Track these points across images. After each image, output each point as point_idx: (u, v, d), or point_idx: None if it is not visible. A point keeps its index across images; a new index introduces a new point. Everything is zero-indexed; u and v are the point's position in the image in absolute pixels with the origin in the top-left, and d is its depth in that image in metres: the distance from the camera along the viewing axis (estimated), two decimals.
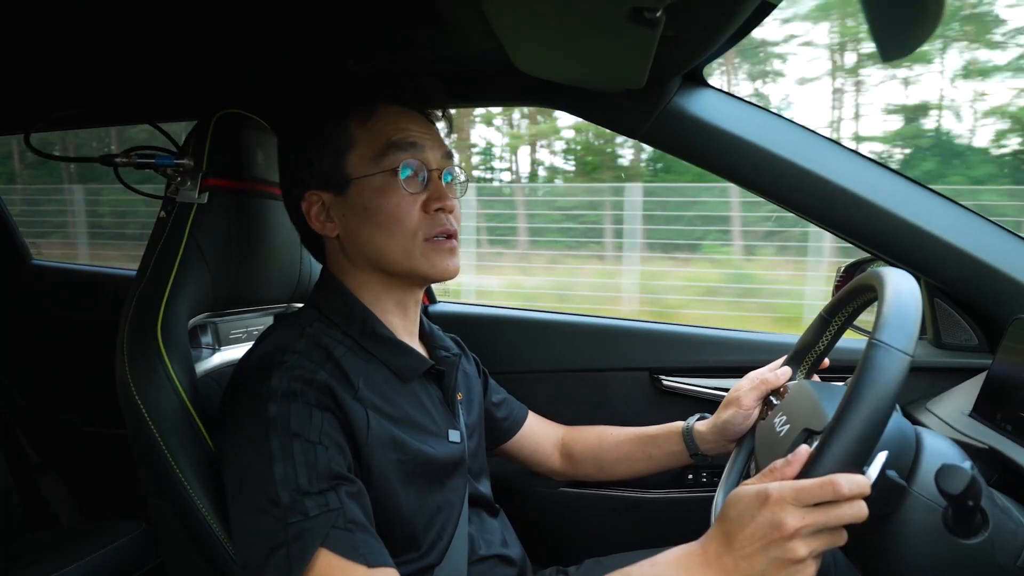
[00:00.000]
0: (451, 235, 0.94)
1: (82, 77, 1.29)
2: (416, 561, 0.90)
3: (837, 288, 1.38)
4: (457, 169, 1.00)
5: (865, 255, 1.32)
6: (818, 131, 1.19)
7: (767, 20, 1.00)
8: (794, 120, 1.19)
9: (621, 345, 1.50)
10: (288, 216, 1.02)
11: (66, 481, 1.97)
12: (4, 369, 1.99)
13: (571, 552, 1.27)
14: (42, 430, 1.98)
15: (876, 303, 0.73)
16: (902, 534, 0.71)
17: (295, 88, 1.21)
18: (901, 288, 0.71)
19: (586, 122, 1.28)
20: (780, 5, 0.93)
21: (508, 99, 1.36)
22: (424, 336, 1.07)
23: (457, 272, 0.95)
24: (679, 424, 1.18)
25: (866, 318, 0.99)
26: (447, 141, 1.01)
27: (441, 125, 1.03)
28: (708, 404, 1.40)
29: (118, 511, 1.82)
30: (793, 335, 1.33)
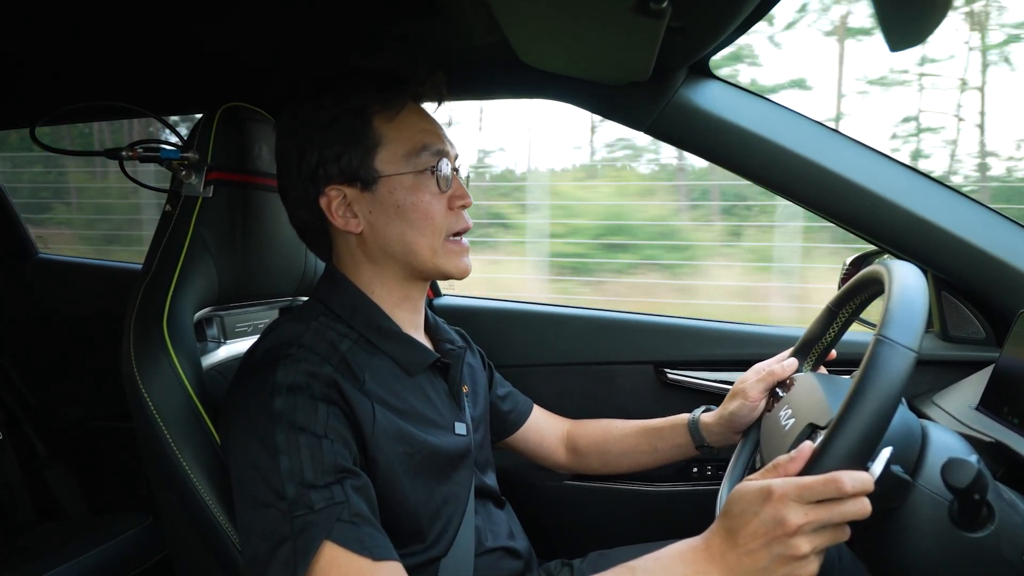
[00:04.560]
0: (465, 231, 0.97)
1: (87, 71, 1.29)
2: (421, 553, 0.90)
3: (844, 281, 1.37)
4: (463, 165, 1.00)
5: (872, 247, 1.31)
6: (825, 123, 1.18)
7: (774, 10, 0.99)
8: (801, 112, 1.18)
9: (626, 338, 1.50)
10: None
11: (73, 474, 1.98)
12: (11, 362, 2.00)
13: (576, 545, 1.27)
14: (49, 423, 1.99)
15: (882, 297, 0.72)
16: (908, 528, 0.71)
17: (306, 80, 1.22)
18: (907, 283, 0.71)
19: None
20: None
21: (512, 92, 1.36)
22: (429, 329, 1.07)
23: (470, 271, 0.98)
24: (685, 416, 1.18)
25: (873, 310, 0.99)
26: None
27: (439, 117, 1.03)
28: (714, 397, 1.39)
29: (125, 504, 1.83)
30: (799, 328, 1.33)
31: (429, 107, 1.00)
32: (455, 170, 0.97)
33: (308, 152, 0.92)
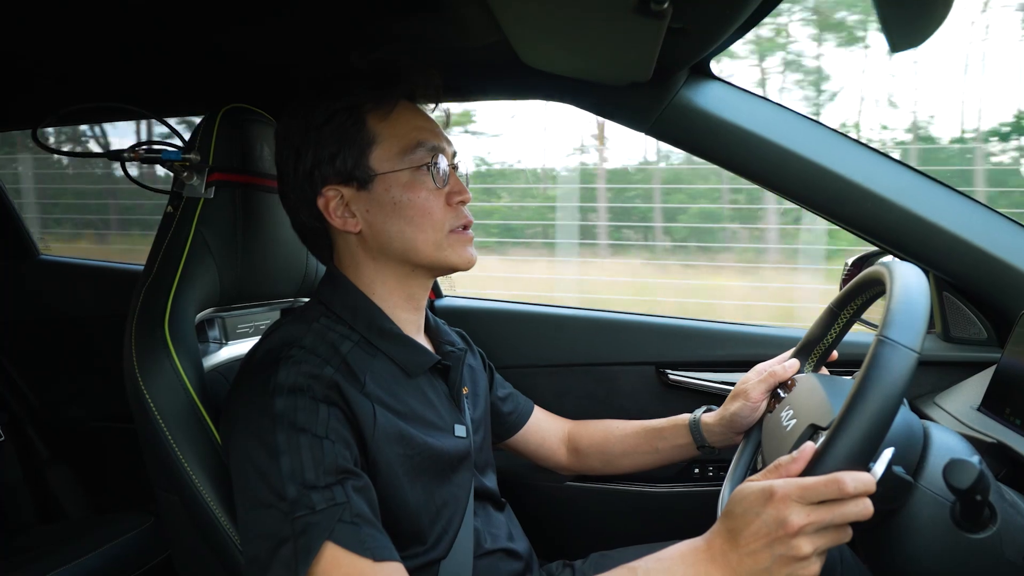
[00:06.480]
0: (468, 226, 0.97)
1: (89, 72, 1.29)
2: (422, 555, 0.90)
3: (845, 281, 1.37)
4: (461, 164, 1.00)
5: (873, 248, 1.31)
6: (826, 123, 1.18)
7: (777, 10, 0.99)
8: (802, 113, 1.18)
9: (627, 339, 1.49)
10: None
11: (75, 474, 1.99)
12: (13, 363, 2.01)
13: (577, 546, 1.28)
14: (51, 423, 1.99)
15: (884, 298, 0.72)
16: (910, 529, 0.71)
17: (302, 82, 1.22)
18: (909, 283, 0.71)
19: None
20: None
21: (513, 93, 1.36)
22: (430, 331, 1.07)
23: (475, 261, 0.97)
24: (686, 416, 1.18)
25: (875, 311, 0.99)
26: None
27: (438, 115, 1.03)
28: (715, 398, 1.39)
29: (127, 504, 1.83)
30: (801, 328, 1.32)
31: (427, 107, 1.01)
32: (453, 167, 0.97)
33: (304, 154, 0.92)
